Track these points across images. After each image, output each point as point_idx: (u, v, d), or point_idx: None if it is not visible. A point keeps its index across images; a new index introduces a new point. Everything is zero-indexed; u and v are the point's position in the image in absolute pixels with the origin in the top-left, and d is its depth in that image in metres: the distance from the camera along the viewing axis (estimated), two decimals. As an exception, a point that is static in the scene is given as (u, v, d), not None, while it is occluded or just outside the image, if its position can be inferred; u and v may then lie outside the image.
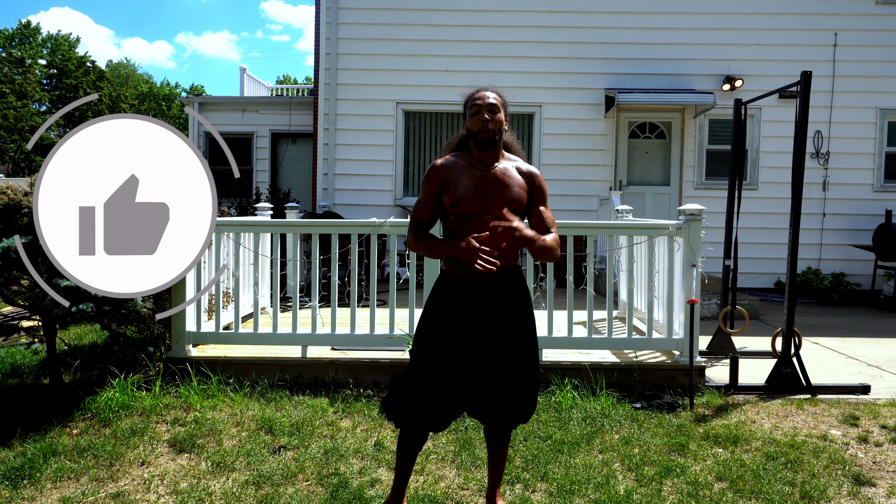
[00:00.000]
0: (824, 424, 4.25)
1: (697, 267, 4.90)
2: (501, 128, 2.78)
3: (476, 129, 2.75)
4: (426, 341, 2.81)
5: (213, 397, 4.58)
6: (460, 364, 2.75)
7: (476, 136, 2.76)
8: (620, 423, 4.19)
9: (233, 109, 12.53)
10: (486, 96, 2.78)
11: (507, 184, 2.78)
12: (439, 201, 2.81)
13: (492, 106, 2.76)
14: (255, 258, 5.19)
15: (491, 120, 2.74)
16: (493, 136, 2.75)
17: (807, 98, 5.04)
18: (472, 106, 2.77)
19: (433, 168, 2.83)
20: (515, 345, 2.79)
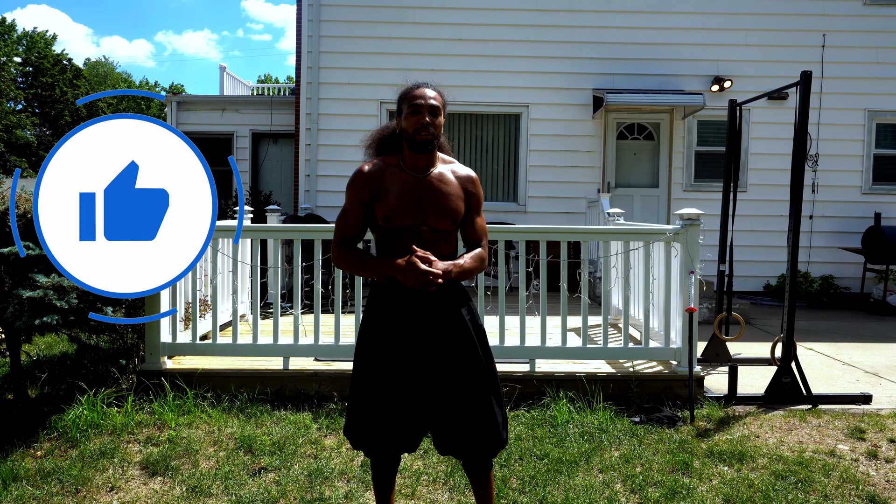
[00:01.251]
0: (831, 439, 4.08)
1: (696, 273, 4.72)
2: (440, 131, 2.54)
3: (413, 130, 2.48)
4: (366, 361, 2.55)
5: (188, 413, 4.32)
6: (406, 383, 2.50)
7: (412, 139, 2.49)
8: (620, 439, 3.99)
9: (212, 109, 12.20)
10: (426, 95, 2.51)
11: (445, 192, 2.54)
12: (369, 211, 2.54)
13: (433, 107, 2.50)
14: (233, 265, 4.94)
15: (432, 123, 2.49)
16: (432, 141, 2.49)
17: (807, 99, 4.89)
18: (412, 105, 2.50)
19: (360, 174, 2.53)
20: (461, 363, 2.52)
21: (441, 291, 2.54)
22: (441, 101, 2.55)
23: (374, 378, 2.52)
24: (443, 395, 2.49)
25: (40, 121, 35.83)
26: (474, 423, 2.50)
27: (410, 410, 2.50)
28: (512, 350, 4.81)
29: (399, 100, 2.58)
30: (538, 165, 9.96)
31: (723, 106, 9.70)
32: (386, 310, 2.55)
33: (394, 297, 2.53)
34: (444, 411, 2.50)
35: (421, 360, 2.50)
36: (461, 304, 2.60)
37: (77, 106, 36.31)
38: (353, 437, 2.60)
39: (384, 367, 2.51)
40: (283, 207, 11.65)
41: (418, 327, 2.52)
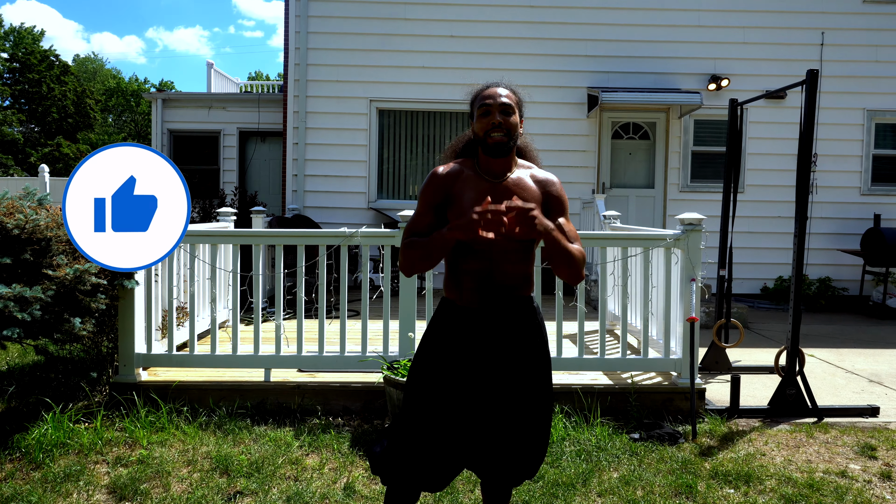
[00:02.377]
0: (840, 457, 3.88)
1: (697, 281, 4.51)
2: (516, 132, 2.31)
3: (484, 132, 2.28)
4: (424, 383, 2.33)
5: (162, 430, 4.08)
6: (464, 412, 2.28)
7: (484, 142, 2.29)
8: (618, 459, 3.78)
9: (198, 106, 11.93)
10: (497, 94, 2.31)
11: (523, 197, 2.30)
12: (442, 215, 2.32)
13: (505, 106, 2.28)
14: (212, 272, 4.69)
15: (504, 122, 2.27)
16: (506, 142, 2.28)
17: (813, 99, 4.68)
18: (481, 105, 2.30)
19: (434, 176, 2.34)
20: (528, 391, 2.32)
21: (512, 311, 2.33)
22: (515, 98, 2.34)
23: (431, 402, 2.29)
24: (500, 425, 2.30)
25: (27, 117, 35.36)
26: (523, 453, 2.33)
27: (461, 442, 2.29)
28: (505, 361, 4.58)
29: (470, 103, 2.39)
30: (532, 165, 9.72)
31: (720, 105, 9.55)
32: (451, 327, 2.33)
33: (461, 316, 2.32)
34: (497, 440, 2.30)
35: (484, 386, 2.29)
36: (532, 326, 2.37)
37: (65, 103, 35.86)
38: (388, 467, 2.34)
39: (443, 389, 2.29)
40: (271, 208, 11.39)
41: (485, 349, 2.30)
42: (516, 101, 2.34)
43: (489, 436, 2.30)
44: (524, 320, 2.35)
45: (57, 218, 4.05)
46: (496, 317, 2.31)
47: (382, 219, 9.59)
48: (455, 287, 2.35)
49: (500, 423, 2.29)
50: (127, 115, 44.68)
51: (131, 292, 4.42)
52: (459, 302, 2.34)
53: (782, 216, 9.66)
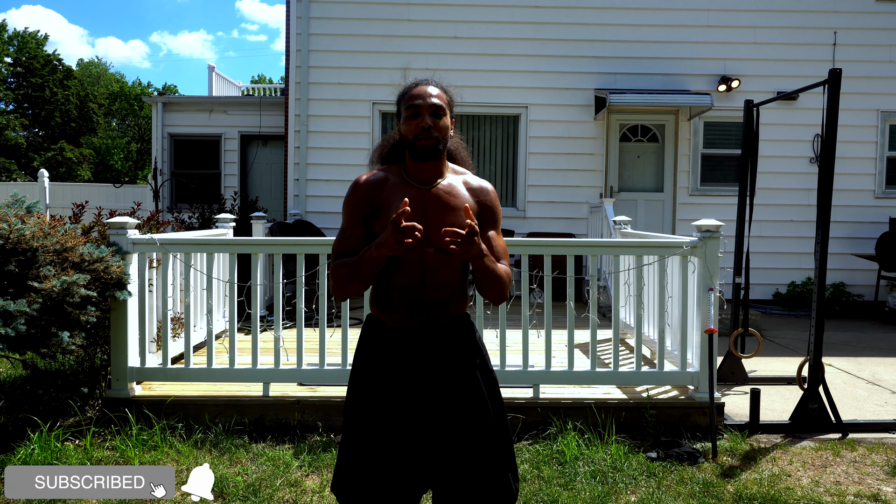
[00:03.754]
0: (871, 478, 3.66)
1: (715, 291, 4.30)
2: (446, 134, 2.13)
3: (413, 135, 2.09)
4: (359, 411, 2.15)
5: (155, 449, 3.88)
6: (404, 437, 2.09)
7: (412, 145, 2.10)
8: (635, 480, 3.57)
9: (199, 110, 11.76)
10: (427, 93, 2.12)
11: (454, 205, 2.10)
12: (369, 227, 2.13)
13: (435, 107, 2.10)
14: (208, 282, 4.50)
15: (434, 126, 2.09)
16: (436, 145, 2.09)
17: (836, 100, 4.48)
18: (410, 106, 2.11)
19: (356, 186, 2.15)
20: (471, 417, 2.11)
21: (447, 331, 2.14)
22: (446, 98, 2.16)
23: (368, 430, 2.12)
24: (446, 452, 2.09)
25: (30, 122, 35.30)
26: (482, 481, 2.10)
27: (408, 467, 2.09)
28: (514, 374, 4.38)
29: (397, 101, 2.20)
30: (538, 169, 9.53)
31: (730, 106, 9.34)
32: (382, 351, 2.15)
33: (392, 337, 2.14)
34: (448, 468, 2.09)
35: (421, 411, 2.10)
36: (470, 346, 2.19)
37: (68, 107, 35.79)
38: (343, 495, 2.17)
39: (379, 419, 2.11)
40: (273, 213, 11.21)
41: (419, 373, 2.11)
42: (447, 102, 2.15)
43: (435, 464, 2.10)
44: (460, 341, 2.17)
45: (45, 227, 3.87)
46: (429, 337, 2.12)
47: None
48: (382, 304, 2.15)
49: (443, 451, 2.09)
50: (130, 119, 44.57)
51: (123, 304, 4.24)
52: (388, 321, 2.14)
53: (794, 220, 9.44)
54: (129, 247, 4.31)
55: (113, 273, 4.05)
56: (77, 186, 14.94)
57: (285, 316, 6.45)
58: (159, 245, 4.33)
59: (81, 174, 33.64)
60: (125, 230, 4.31)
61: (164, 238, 4.41)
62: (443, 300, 2.11)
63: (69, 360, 4.98)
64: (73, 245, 3.94)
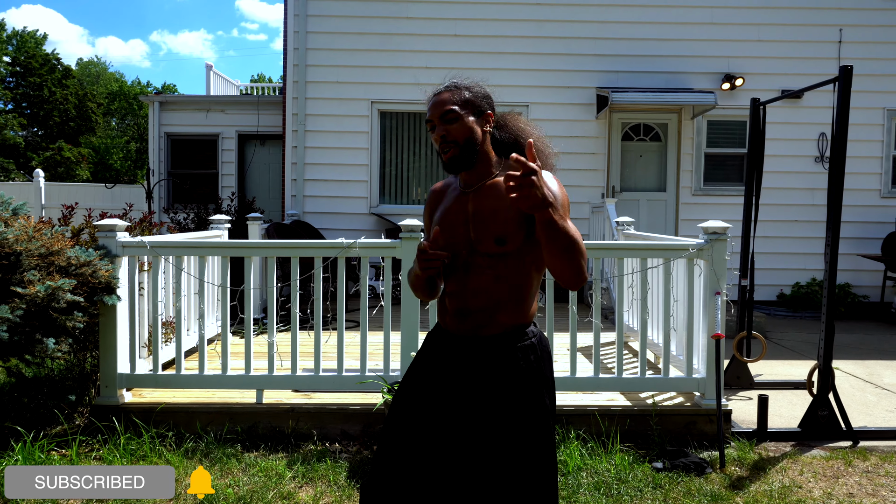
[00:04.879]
0: (885, 489, 3.53)
1: (722, 294, 4.17)
2: (471, 136, 1.97)
3: (438, 150, 2.04)
4: (398, 410, 2.09)
5: (144, 459, 3.75)
6: (434, 454, 1.97)
7: (441, 160, 2.04)
8: (641, 492, 3.44)
9: (196, 109, 11.63)
10: (435, 102, 2.01)
11: (493, 207, 1.93)
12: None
13: (447, 114, 1.97)
14: (200, 286, 4.37)
15: (450, 133, 1.97)
16: (459, 155, 1.97)
17: (847, 98, 4.35)
18: (427, 122, 2.06)
19: (429, 194, 2.21)
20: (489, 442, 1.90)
21: (492, 343, 1.96)
22: (460, 97, 2.00)
23: (400, 430, 2.05)
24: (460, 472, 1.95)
25: (29, 121, 35.18)
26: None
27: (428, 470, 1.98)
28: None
29: None
30: (539, 168, 9.38)
31: (734, 105, 9.21)
32: (432, 353, 2.11)
33: (440, 339, 2.11)
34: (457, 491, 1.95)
35: (448, 419, 1.98)
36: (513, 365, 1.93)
37: (67, 106, 35.66)
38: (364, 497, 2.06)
39: (412, 418, 2.04)
40: (271, 213, 11.09)
41: (454, 380, 1.99)
42: (462, 100, 1.99)
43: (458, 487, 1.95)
44: (504, 357, 1.94)
45: (29, 230, 3.74)
46: (471, 348, 1.99)
47: (385, 224, 9.26)
48: (440, 308, 2.12)
49: (461, 473, 1.95)
50: (129, 118, 44.44)
51: (113, 309, 4.11)
52: (443, 324, 2.11)
53: (799, 220, 9.31)
54: (118, 250, 4.18)
55: (101, 277, 3.92)
56: (73, 186, 14.82)
57: (280, 320, 6.32)
58: (149, 248, 4.20)
59: (80, 174, 33.52)
60: (114, 233, 4.18)
61: (154, 241, 4.29)
62: (484, 307, 1.96)
63: (58, 366, 4.85)
64: (60, 248, 3.81)
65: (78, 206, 5.76)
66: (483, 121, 2.02)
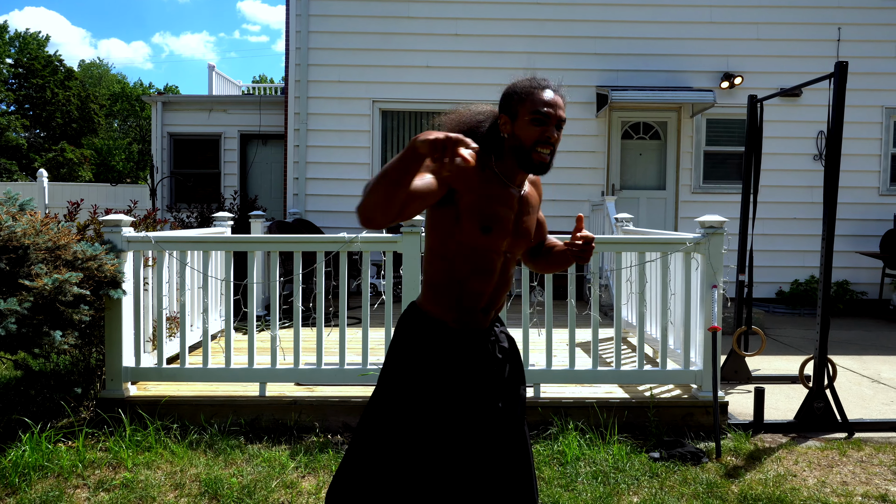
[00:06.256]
0: (878, 478, 3.59)
1: (719, 288, 4.23)
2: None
3: (532, 141, 1.87)
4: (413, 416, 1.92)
5: (149, 450, 3.82)
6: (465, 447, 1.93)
7: (527, 152, 1.88)
8: (638, 481, 3.50)
9: (199, 109, 11.70)
10: (559, 104, 1.90)
11: (531, 212, 2.05)
12: (439, 199, 1.83)
13: (562, 120, 1.91)
14: (204, 280, 4.44)
15: (557, 140, 1.91)
16: (549, 163, 1.91)
17: (842, 94, 4.41)
18: (537, 112, 1.87)
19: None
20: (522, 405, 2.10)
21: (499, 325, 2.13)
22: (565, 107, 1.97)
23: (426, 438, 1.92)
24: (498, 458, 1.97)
25: (31, 123, 35.28)
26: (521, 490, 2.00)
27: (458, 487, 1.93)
28: (514, 374, 4.30)
29: (512, 97, 1.94)
30: (539, 167, 9.44)
31: (733, 103, 9.27)
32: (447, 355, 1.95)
33: (455, 339, 1.96)
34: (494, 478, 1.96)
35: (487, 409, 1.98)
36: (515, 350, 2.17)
37: (69, 108, 35.77)
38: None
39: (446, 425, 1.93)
40: (273, 212, 11.16)
41: (486, 370, 2.00)
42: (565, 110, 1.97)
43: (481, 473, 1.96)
44: (508, 337, 2.16)
45: (37, 224, 3.80)
46: (490, 337, 2.06)
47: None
48: (450, 305, 1.95)
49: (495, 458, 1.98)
50: (132, 119, 44.55)
51: (118, 303, 4.17)
52: (451, 323, 1.96)
53: (797, 218, 9.36)
54: (123, 245, 4.24)
55: (107, 271, 3.99)
56: (76, 186, 14.90)
57: (282, 315, 6.38)
58: (154, 243, 4.27)
59: (83, 175, 33.62)
60: (120, 228, 4.25)
61: (159, 236, 4.35)
62: (502, 303, 2.08)
63: (63, 361, 4.92)
64: (66, 243, 3.88)
65: (83, 202, 5.82)
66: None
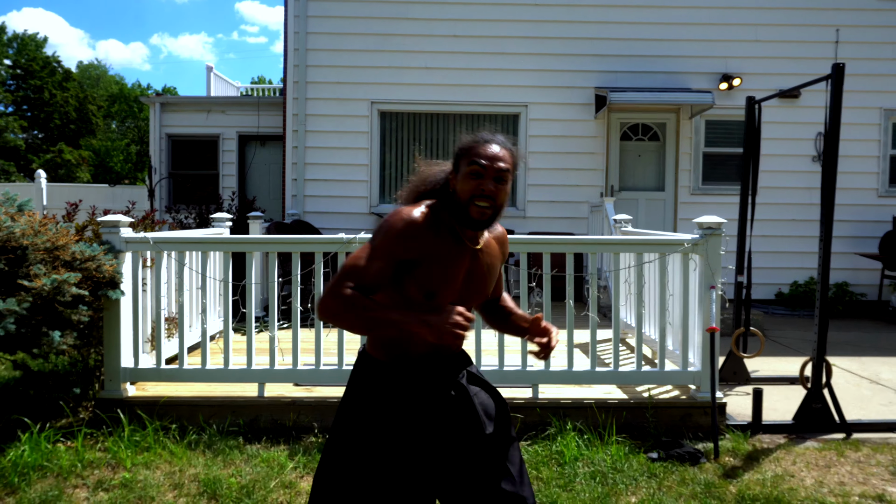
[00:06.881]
0: (876, 478, 3.60)
1: (717, 289, 4.24)
2: (504, 205, 1.93)
3: (468, 198, 1.87)
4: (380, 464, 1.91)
5: (148, 450, 3.82)
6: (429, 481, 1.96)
7: (466, 209, 1.87)
8: (636, 481, 3.50)
9: (197, 110, 11.70)
10: (496, 156, 1.88)
11: (490, 267, 2.02)
12: (401, 270, 1.86)
13: (501, 172, 1.88)
14: (202, 281, 4.44)
15: (495, 193, 1.88)
16: (492, 218, 1.90)
17: (839, 96, 4.42)
18: (473, 163, 1.88)
19: (411, 224, 1.83)
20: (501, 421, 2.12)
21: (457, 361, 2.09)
22: (511, 162, 1.93)
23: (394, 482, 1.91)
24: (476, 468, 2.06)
25: (29, 124, 35.29)
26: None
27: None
28: (512, 374, 4.32)
29: (458, 153, 1.96)
30: (538, 168, 9.46)
31: (732, 105, 9.28)
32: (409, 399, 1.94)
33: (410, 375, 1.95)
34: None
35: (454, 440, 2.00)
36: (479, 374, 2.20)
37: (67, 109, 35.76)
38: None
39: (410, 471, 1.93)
40: (271, 213, 11.15)
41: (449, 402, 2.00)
42: (512, 165, 1.93)
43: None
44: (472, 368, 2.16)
45: (35, 225, 3.80)
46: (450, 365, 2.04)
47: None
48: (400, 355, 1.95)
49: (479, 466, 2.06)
50: (130, 120, 44.55)
51: (116, 303, 4.17)
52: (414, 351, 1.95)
53: (796, 219, 9.37)
54: (122, 245, 4.25)
55: (105, 272, 3.99)
56: (74, 187, 14.90)
57: (281, 316, 6.39)
58: (153, 243, 4.27)
59: (81, 176, 33.61)
60: (118, 228, 4.25)
61: (157, 236, 4.35)
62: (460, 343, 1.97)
63: (62, 361, 4.92)
64: (65, 243, 3.88)
65: (81, 203, 5.83)
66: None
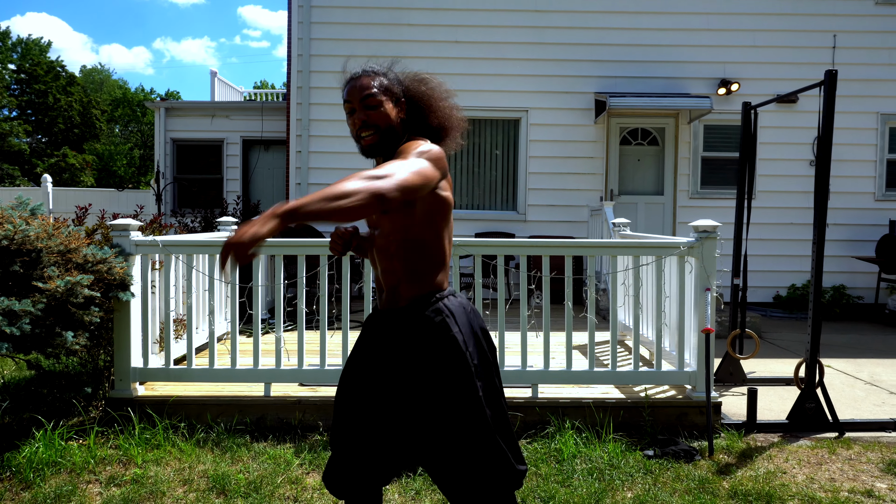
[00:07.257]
0: (865, 475, 3.70)
1: (712, 291, 4.34)
2: (391, 123, 1.98)
3: (355, 136, 2.02)
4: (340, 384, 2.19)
5: (158, 448, 3.93)
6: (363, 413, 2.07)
7: (360, 149, 2.03)
8: (632, 477, 3.60)
9: (202, 115, 11.84)
10: (354, 87, 1.99)
11: None
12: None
13: (366, 98, 1.97)
14: (209, 283, 4.55)
15: (370, 118, 1.97)
16: (378, 142, 1.98)
17: (832, 101, 4.52)
18: (344, 103, 2.03)
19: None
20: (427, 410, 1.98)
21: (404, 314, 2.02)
22: (381, 82, 1.99)
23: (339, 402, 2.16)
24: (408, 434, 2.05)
25: (33, 128, 35.46)
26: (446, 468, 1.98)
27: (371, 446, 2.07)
28: (513, 374, 4.42)
29: None
30: (538, 172, 9.58)
31: (730, 109, 9.39)
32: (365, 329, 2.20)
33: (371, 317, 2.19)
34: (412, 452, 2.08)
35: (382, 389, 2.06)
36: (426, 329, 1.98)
37: (71, 113, 35.94)
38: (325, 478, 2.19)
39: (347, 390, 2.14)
40: (275, 216, 11.25)
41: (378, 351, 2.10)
42: (384, 86, 2.00)
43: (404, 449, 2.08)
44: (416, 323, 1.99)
45: (49, 228, 3.92)
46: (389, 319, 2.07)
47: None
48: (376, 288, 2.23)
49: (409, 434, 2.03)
50: (133, 125, 44.75)
51: (127, 305, 4.29)
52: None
53: (794, 223, 9.48)
54: (131, 248, 4.36)
55: (116, 274, 4.10)
56: (80, 191, 15.02)
57: (286, 318, 6.50)
58: (161, 246, 4.38)
59: (84, 180, 33.78)
60: (128, 232, 4.36)
61: (166, 240, 4.47)
62: (394, 284, 2.05)
63: (73, 362, 5.03)
64: (77, 246, 3.99)
65: (91, 207, 5.94)
66: (400, 108, 2.04)
